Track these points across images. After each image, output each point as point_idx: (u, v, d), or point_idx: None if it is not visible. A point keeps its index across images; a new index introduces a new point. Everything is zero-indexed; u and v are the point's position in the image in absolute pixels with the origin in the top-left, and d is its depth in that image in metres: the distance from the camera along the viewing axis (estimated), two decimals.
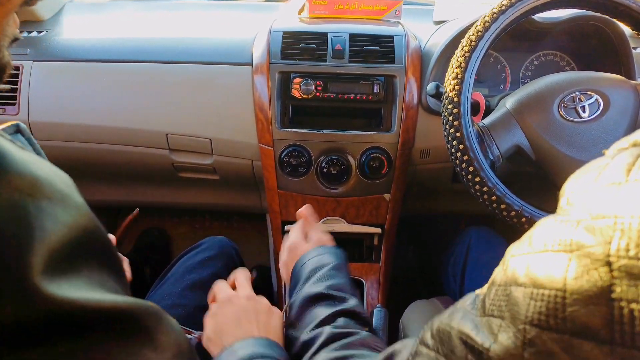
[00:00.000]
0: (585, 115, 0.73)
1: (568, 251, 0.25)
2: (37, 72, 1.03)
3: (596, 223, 0.24)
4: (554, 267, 0.26)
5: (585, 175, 0.27)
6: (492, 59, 1.06)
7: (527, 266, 0.28)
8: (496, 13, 0.71)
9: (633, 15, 0.72)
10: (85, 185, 1.42)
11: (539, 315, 0.26)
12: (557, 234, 0.26)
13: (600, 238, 0.24)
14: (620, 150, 0.26)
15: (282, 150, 0.98)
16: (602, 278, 0.23)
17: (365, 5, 1.05)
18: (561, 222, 0.27)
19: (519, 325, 0.27)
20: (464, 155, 0.71)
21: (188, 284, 0.83)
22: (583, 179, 0.27)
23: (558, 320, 0.25)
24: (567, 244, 0.25)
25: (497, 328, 0.29)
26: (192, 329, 0.76)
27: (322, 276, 0.61)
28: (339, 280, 0.61)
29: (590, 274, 0.24)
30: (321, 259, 0.65)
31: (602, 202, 0.24)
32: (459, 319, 0.33)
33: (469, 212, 1.34)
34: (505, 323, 0.28)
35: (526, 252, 0.29)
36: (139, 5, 1.29)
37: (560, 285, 0.25)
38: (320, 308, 0.57)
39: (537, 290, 0.26)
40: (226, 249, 0.95)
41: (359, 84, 0.95)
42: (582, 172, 0.28)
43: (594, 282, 0.23)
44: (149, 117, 1.03)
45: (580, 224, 0.25)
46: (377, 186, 1.03)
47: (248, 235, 1.69)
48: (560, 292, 0.25)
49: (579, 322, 0.24)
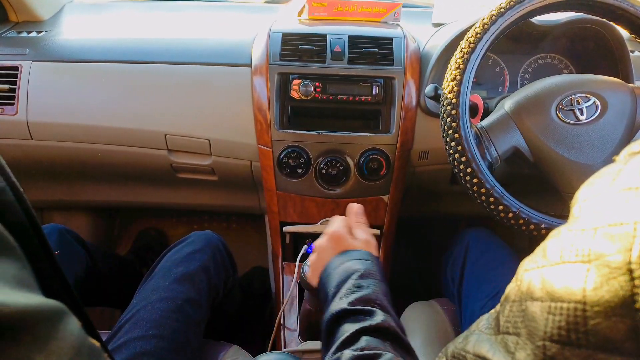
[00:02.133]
0: (583, 117, 0.73)
1: (586, 261, 0.24)
2: (36, 73, 1.03)
3: (614, 230, 0.23)
4: (571, 278, 0.25)
5: (598, 181, 0.26)
6: (491, 61, 1.06)
7: (542, 280, 0.27)
8: (495, 15, 0.72)
9: (631, 18, 0.72)
10: (83, 185, 1.43)
11: (558, 330, 0.25)
12: (573, 243, 0.25)
13: (620, 245, 0.23)
14: (632, 155, 0.25)
15: (281, 151, 0.98)
16: (623, 287, 0.22)
17: (364, 8, 1.06)
18: (576, 232, 0.26)
19: (538, 342, 0.26)
20: (462, 157, 0.71)
21: (176, 277, 0.83)
22: (596, 186, 0.26)
23: (580, 334, 0.24)
24: (584, 254, 0.24)
25: (513, 346, 0.28)
26: (180, 322, 0.76)
27: (347, 290, 0.56)
28: (365, 291, 0.55)
29: (610, 284, 0.23)
30: (348, 266, 0.60)
31: (619, 207, 0.24)
32: (474, 341, 0.32)
33: (468, 214, 1.35)
34: (522, 340, 0.27)
35: (541, 266, 0.27)
36: (138, 6, 1.29)
37: (579, 298, 0.24)
38: (341, 327, 0.52)
39: (555, 304, 0.25)
40: (213, 242, 0.95)
41: (358, 85, 0.96)
42: (595, 178, 0.27)
43: (615, 292, 0.22)
44: (148, 118, 1.03)
45: (597, 232, 0.24)
46: (376, 187, 1.03)
47: (246, 236, 1.69)
48: (580, 305, 0.24)
49: (602, 336, 0.23)
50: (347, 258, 0.61)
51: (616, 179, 0.25)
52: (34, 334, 0.25)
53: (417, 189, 1.17)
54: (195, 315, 0.80)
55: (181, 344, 0.75)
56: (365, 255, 0.62)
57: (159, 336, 0.73)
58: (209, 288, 0.87)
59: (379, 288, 0.57)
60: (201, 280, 0.85)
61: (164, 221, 1.70)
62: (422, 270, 1.50)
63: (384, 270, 0.61)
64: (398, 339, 0.50)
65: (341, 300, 0.55)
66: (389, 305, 0.55)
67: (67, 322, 0.28)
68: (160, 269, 0.86)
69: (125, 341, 0.71)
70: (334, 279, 0.59)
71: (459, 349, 0.33)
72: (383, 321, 0.51)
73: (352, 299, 0.54)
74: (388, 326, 0.51)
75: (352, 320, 0.52)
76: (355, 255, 0.62)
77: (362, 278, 0.57)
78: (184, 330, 0.77)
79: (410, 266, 1.55)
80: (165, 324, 0.75)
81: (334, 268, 0.61)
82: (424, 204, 1.33)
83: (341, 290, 0.56)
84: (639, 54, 1.07)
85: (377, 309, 0.53)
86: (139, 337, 0.72)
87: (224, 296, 0.96)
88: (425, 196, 1.27)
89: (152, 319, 0.75)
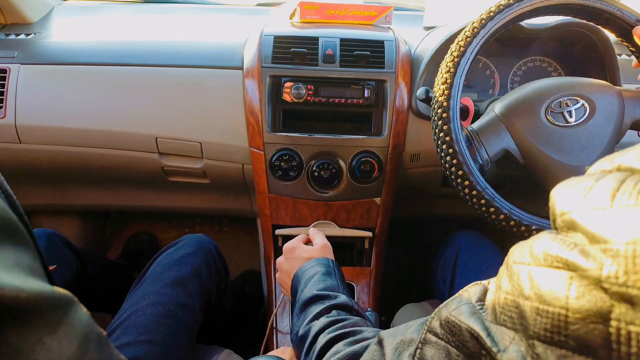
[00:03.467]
0: (572, 120, 0.74)
1: (568, 270, 0.26)
2: (25, 75, 1.02)
3: (589, 247, 0.25)
4: (556, 284, 0.26)
5: (572, 195, 0.28)
6: (481, 64, 1.07)
7: (530, 278, 0.28)
8: (484, 19, 0.72)
9: (617, 22, 0.73)
10: (73, 189, 1.41)
11: (544, 331, 0.27)
12: (555, 251, 0.27)
13: (593, 263, 0.24)
14: (603, 173, 0.27)
15: (273, 154, 0.98)
16: (602, 299, 0.24)
17: (356, 11, 1.06)
18: (559, 240, 0.27)
19: (529, 340, 0.28)
20: (454, 159, 0.71)
21: (167, 281, 0.82)
22: (570, 199, 0.28)
23: (562, 337, 0.26)
24: (565, 263, 0.26)
25: (509, 340, 0.29)
26: (172, 327, 0.76)
27: (315, 281, 0.68)
28: (330, 282, 0.68)
29: (591, 294, 0.24)
30: (313, 269, 0.72)
31: (592, 226, 0.25)
32: (468, 315, 0.33)
33: (459, 216, 1.35)
34: (519, 336, 0.29)
35: (527, 263, 0.29)
36: (128, 9, 1.29)
37: (563, 304, 0.26)
38: (313, 307, 0.63)
39: (542, 307, 0.27)
40: (205, 245, 0.94)
41: (350, 88, 0.96)
42: (568, 190, 0.28)
43: (595, 303, 0.24)
44: (139, 121, 1.02)
45: (577, 247, 0.26)
46: (368, 190, 1.03)
47: (239, 239, 1.68)
48: (563, 310, 0.26)
49: (580, 340, 0.25)
50: (310, 264, 0.73)
51: (587, 195, 0.26)
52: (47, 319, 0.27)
53: (409, 191, 1.17)
54: (187, 320, 0.80)
55: (173, 350, 0.74)
56: (325, 260, 0.74)
57: (151, 342, 0.72)
58: (201, 292, 0.86)
59: (340, 283, 0.69)
60: (193, 284, 0.85)
61: (155, 225, 1.69)
62: (414, 272, 1.50)
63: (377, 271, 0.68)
64: (362, 317, 0.60)
65: (310, 288, 0.67)
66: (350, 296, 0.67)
67: (76, 310, 0.30)
68: (151, 273, 0.86)
69: (116, 347, 0.70)
70: (302, 280, 0.71)
71: (455, 317, 0.35)
72: (349, 301, 0.63)
73: (320, 287, 0.66)
74: (353, 305, 0.62)
75: (322, 301, 0.63)
76: (317, 261, 0.73)
77: (325, 275, 0.69)
78: (176, 336, 0.76)
79: (402, 268, 1.55)
80: (156, 329, 0.74)
81: (302, 272, 0.73)
82: (416, 206, 1.33)
83: (309, 283, 0.68)
84: (626, 57, 1.09)
85: (342, 294, 0.65)
86: (130, 343, 0.71)
87: (216, 300, 0.95)
88: (417, 198, 1.28)
89: (144, 325, 0.74)
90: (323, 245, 0.81)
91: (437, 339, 0.36)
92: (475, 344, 0.32)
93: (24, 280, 0.27)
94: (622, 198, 0.24)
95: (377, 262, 1.10)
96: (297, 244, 0.82)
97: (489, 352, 0.31)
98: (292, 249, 0.81)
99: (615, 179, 0.25)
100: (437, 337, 0.36)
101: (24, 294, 0.26)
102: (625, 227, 0.23)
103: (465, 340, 0.33)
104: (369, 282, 1.08)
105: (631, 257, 0.23)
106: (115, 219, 1.70)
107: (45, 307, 0.27)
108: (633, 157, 0.26)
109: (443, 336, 0.36)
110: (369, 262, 1.10)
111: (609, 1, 0.72)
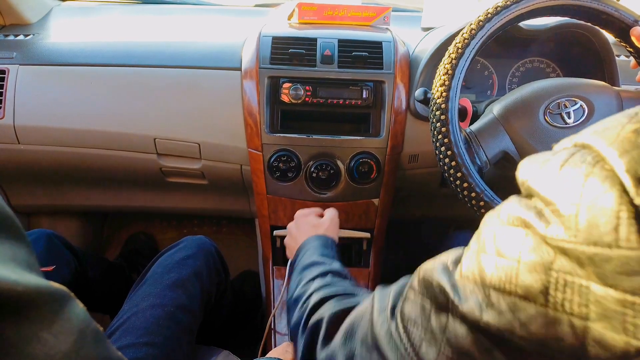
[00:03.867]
0: (570, 121, 0.74)
1: (524, 227, 0.30)
2: (24, 76, 1.01)
3: (545, 209, 0.29)
4: (513, 240, 0.31)
5: (531, 166, 0.32)
6: (479, 65, 1.07)
7: (493, 236, 0.33)
8: (482, 20, 0.72)
9: (616, 23, 0.73)
10: (72, 190, 1.41)
11: (498, 281, 0.31)
12: (517, 212, 0.31)
13: (544, 223, 0.28)
14: (564, 149, 0.30)
15: (271, 155, 0.98)
16: (548, 252, 0.28)
17: (354, 12, 1.06)
18: (522, 204, 0.31)
19: (485, 290, 0.32)
20: (452, 161, 0.71)
21: (168, 283, 0.82)
22: (530, 170, 0.32)
23: (512, 285, 0.30)
24: (523, 222, 0.30)
25: (469, 291, 0.34)
26: (172, 329, 0.76)
27: (311, 253, 0.74)
28: (326, 252, 0.74)
29: (540, 249, 0.29)
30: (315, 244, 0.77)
31: (543, 191, 0.29)
32: (439, 273, 0.38)
33: (458, 217, 1.35)
34: (477, 288, 0.33)
35: (494, 224, 0.33)
36: (127, 9, 1.29)
37: (516, 257, 0.30)
38: (308, 271, 0.67)
39: (499, 259, 0.31)
40: (205, 247, 0.94)
41: (348, 89, 0.96)
42: (530, 162, 0.32)
43: (542, 256, 0.28)
44: (137, 122, 1.02)
45: (535, 209, 0.30)
46: (366, 191, 1.03)
47: (237, 240, 1.68)
48: (516, 263, 0.30)
49: (524, 287, 0.29)
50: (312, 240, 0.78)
51: (542, 167, 0.30)
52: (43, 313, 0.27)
53: (408, 192, 1.17)
54: (187, 322, 0.80)
55: (172, 352, 0.74)
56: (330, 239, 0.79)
57: (151, 344, 0.72)
58: (201, 294, 0.86)
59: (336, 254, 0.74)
60: (193, 286, 0.85)
61: (153, 225, 1.69)
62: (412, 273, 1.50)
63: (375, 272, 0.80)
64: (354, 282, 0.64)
65: (310, 256, 0.72)
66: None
67: (73, 305, 0.30)
68: (151, 275, 0.85)
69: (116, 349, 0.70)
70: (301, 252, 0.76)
71: (429, 275, 0.39)
72: (342, 269, 0.66)
73: (319, 253, 0.72)
74: (346, 273, 0.66)
75: (317, 266, 0.67)
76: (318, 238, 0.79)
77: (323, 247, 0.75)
78: (176, 338, 0.76)
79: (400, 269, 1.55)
80: (156, 331, 0.74)
81: (306, 244, 0.78)
82: (415, 207, 1.33)
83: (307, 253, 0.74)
84: (624, 58, 1.09)
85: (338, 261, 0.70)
86: (130, 345, 0.71)
87: (216, 301, 0.95)
88: (415, 199, 1.28)
89: (144, 327, 0.74)
90: (332, 219, 0.87)
91: (414, 295, 0.40)
92: (443, 297, 0.36)
93: (21, 274, 0.27)
94: (568, 167, 0.28)
95: (375, 263, 1.10)
96: (309, 213, 0.90)
97: (453, 303, 0.35)
98: (304, 216, 0.88)
99: (568, 153, 0.29)
100: (414, 292, 0.40)
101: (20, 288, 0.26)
102: (566, 190, 0.27)
103: (436, 294, 0.37)
104: (367, 283, 1.08)
105: (573, 216, 0.27)
106: (113, 219, 1.69)
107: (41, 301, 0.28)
108: (586, 134, 0.29)
109: (420, 291, 0.39)
110: (367, 264, 1.10)
111: (606, 2, 0.72)
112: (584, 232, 0.26)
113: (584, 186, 0.26)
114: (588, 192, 0.26)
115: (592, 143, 0.28)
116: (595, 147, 0.27)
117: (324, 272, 0.65)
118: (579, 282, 0.27)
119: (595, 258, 0.25)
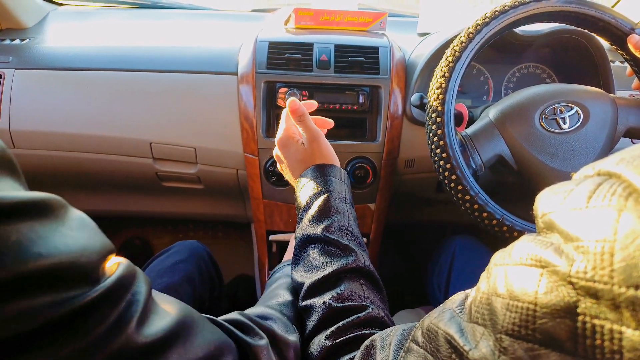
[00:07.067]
0: (565, 126, 0.74)
1: (539, 267, 0.27)
2: (19, 80, 1.01)
3: (564, 246, 0.26)
4: (527, 281, 0.28)
5: (553, 197, 0.29)
6: (475, 70, 1.08)
7: (505, 277, 0.30)
8: (479, 25, 0.73)
9: (612, 30, 0.74)
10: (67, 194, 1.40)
11: (512, 325, 0.28)
12: (531, 250, 0.29)
13: (565, 260, 0.26)
14: (586, 177, 0.28)
15: (268, 159, 0.98)
16: (569, 294, 0.25)
17: (350, 17, 1.06)
18: (536, 241, 0.29)
19: (497, 334, 0.29)
20: (447, 164, 0.71)
21: (159, 288, 0.81)
22: (551, 202, 0.29)
23: (529, 330, 0.27)
24: (539, 261, 0.28)
25: (479, 335, 0.31)
26: None
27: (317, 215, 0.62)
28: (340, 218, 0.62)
29: (559, 290, 0.26)
30: (316, 184, 0.66)
31: (567, 226, 0.27)
32: (446, 320, 0.35)
33: (454, 221, 1.35)
34: (487, 332, 0.30)
35: (505, 263, 0.31)
36: (123, 14, 1.28)
37: (532, 299, 0.27)
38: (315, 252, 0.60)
39: (512, 302, 0.29)
40: (197, 251, 0.94)
41: (344, 94, 0.96)
42: (551, 194, 0.30)
43: (562, 298, 0.26)
44: (133, 126, 1.02)
45: (552, 245, 0.27)
46: (363, 195, 1.03)
47: (232, 245, 1.67)
48: (532, 305, 0.27)
49: (547, 334, 0.26)
50: (318, 173, 0.67)
51: (567, 198, 0.28)
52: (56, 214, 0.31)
53: (404, 197, 1.17)
54: None
55: None
56: (338, 172, 0.68)
57: None
58: (194, 299, 0.86)
59: (351, 214, 0.64)
60: (185, 291, 0.84)
61: (148, 230, 1.68)
62: (408, 278, 1.50)
63: None
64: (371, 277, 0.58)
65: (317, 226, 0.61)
66: (359, 233, 0.63)
67: (72, 210, 0.35)
68: None
69: None
70: (306, 193, 0.66)
71: (434, 324, 0.36)
72: (356, 260, 0.58)
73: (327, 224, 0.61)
74: (363, 266, 0.58)
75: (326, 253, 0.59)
76: (329, 171, 0.67)
77: (336, 201, 0.63)
78: None
79: (397, 273, 1.55)
80: None
81: (306, 182, 0.67)
82: (411, 212, 1.33)
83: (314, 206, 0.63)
84: (619, 64, 1.10)
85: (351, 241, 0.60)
86: None
87: (210, 306, 0.95)
88: (411, 204, 1.28)
89: None
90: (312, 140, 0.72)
91: (417, 347, 0.37)
92: (447, 348, 0.33)
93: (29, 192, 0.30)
94: (597, 199, 0.26)
95: None
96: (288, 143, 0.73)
97: (461, 352, 0.32)
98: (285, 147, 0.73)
99: (594, 183, 0.27)
100: (418, 345, 0.37)
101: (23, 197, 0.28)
102: (597, 226, 0.25)
103: (440, 345, 0.34)
104: None
105: (599, 253, 0.24)
106: (108, 224, 1.69)
107: (53, 203, 0.31)
108: (612, 162, 0.27)
109: (423, 344, 0.37)
110: None
111: (604, 9, 0.72)
112: (621, 272, 0.23)
113: (619, 222, 0.24)
114: (624, 229, 0.24)
115: (621, 172, 0.25)
116: (625, 177, 0.25)
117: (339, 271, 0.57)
118: (609, 326, 0.24)
119: (637, 302, 0.23)
